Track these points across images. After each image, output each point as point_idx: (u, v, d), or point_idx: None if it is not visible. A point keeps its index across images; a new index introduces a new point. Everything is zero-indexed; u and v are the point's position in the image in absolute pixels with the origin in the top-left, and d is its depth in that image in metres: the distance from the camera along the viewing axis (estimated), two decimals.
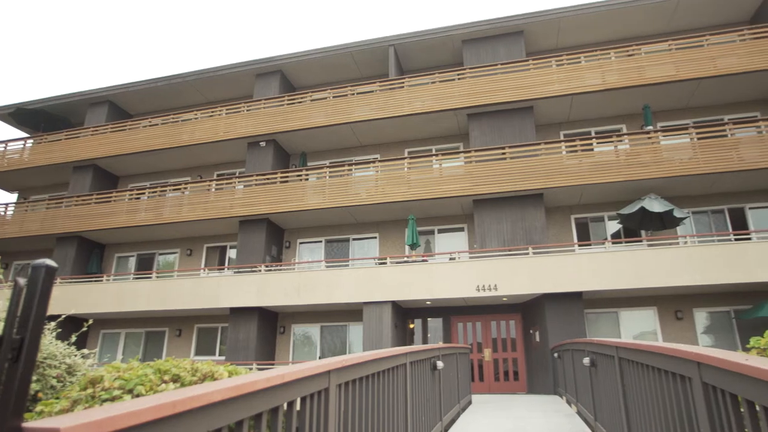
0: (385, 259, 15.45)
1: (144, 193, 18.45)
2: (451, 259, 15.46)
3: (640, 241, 14.22)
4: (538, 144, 15.04)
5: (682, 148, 13.97)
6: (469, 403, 9.76)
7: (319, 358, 15.69)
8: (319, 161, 18.68)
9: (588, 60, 15.76)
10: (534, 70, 15.97)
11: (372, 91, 17.37)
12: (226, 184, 17.78)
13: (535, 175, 14.58)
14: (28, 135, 22.90)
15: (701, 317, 13.79)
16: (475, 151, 15.46)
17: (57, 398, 2.87)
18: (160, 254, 19.30)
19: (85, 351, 4.72)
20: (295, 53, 18.99)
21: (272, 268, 16.22)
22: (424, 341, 15.85)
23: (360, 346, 15.22)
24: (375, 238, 17.11)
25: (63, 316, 5.60)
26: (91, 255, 19.04)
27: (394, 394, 4.02)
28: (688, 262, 12.52)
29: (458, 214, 16.44)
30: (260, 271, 15.88)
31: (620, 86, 15.04)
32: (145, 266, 19.19)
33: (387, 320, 14.05)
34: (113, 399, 2.57)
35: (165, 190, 18.34)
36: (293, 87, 20.36)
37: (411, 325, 16.00)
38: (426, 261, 15.45)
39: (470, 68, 16.66)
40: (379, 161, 16.52)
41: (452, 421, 7.36)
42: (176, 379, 2.85)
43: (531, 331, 14.38)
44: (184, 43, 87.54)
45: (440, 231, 16.65)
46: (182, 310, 16.32)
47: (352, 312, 15.70)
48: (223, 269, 17.69)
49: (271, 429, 1.93)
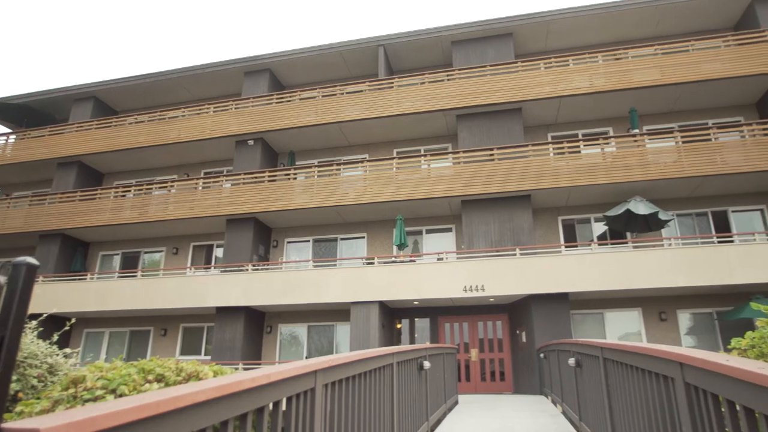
0: (373, 259, 15.45)
1: (130, 191, 18.24)
2: (438, 259, 15.50)
3: (626, 243, 14.38)
4: (526, 146, 15.15)
5: (667, 151, 14.16)
6: (456, 403, 9.80)
7: (306, 358, 15.64)
8: (308, 160, 18.62)
9: (576, 63, 15.91)
10: (523, 72, 16.09)
11: (361, 91, 17.36)
12: (214, 182, 17.65)
13: (522, 176, 14.68)
14: (10, 130, 22.54)
15: (684, 318, 13.99)
16: (464, 152, 15.52)
17: (38, 398, 2.82)
18: (146, 253, 19.10)
19: (68, 350, 4.65)
20: (284, 52, 18.91)
21: (259, 268, 16.13)
22: (412, 341, 15.87)
23: (347, 346, 15.20)
24: (363, 238, 17.10)
25: (45, 315, 5.51)
26: (75, 253, 18.78)
27: (380, 395, 4.02)
28: (672, 264, 12.69)
29: (446, 215, 16.50)
30: (247, 270, 15.79)
31: (607, 89, 15.21)
32: (130, 265, 18.97)
33: (374, 320, 14.05)
34: (96, 399, 2.53)
35: (151, 188, 18.15)
36: (282, 85, 20.27)
37: (398, 325, 16.02)
38: (414, 261, 15.48)
39: (459, 69, 16.73)
40: (368, 161, 16.51)
41: (439, 421, 7.38)
42: (160, 379, 2.82)
43: (517, 332, 14.47)
44: (172, 40, 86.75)
45: (428, 231, 16.69)
46: (167, 310, 16.17)
47: (340, 312, 15.68)
48: (210, 268, 17.55)
49: (256, 429, 1.92)
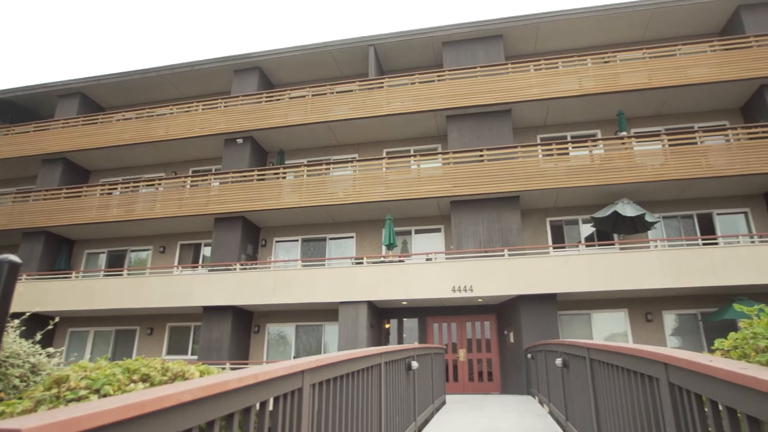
0: (362, 259, 15.44)
1: (116, 189, 18.04)
2: (427, 259, 15.54)
3: (613, 244, 14.53)
4: (516, 147, 15.23)
5: (654, 154, 14.33)
6: (444, 403, 9.82)
7: (294, 357, 15.58)
8: (297, 159, 18.56)
9: (565, 65, 16.03)
10: (513, 74, 16.17)
11: (351, 91, 17.33)
12: (202, 181, 17.51)
13: (511, 177, 14.76)
14: None
15: (670, 319, 14.16)
16: (453, 152, 15.57)
17: (20, 398, 2.78)
18: (132, 251, 18.90)
19: (51, 350, 4.59)
20: (274, 50, 18.82)
21: (247, 267, 16.04)
22: (400, 341, 15.89)
23: (335, 345, 15.17)
24: (352, 237, 17.08)
25: (28, 314, 5.44)
26: (60, 251, 18.53)
27: (368, 395, 4.02)
28: (658, 266, 12.84)
29: (435, 215, 16.54)
30: (235, 269, 15.69)
31: (596, 92, 15.34)
32: (116, 263, 18.76)
33: (363, 320, 14.04)
34: (79, 399, 2.50)
35: (138, 186, 17.97)
36: (272, 84, 20.18)
37: (387, 325, 16.03)
38: (402, 261, 15.49)
39: (450, 70, 16.77)
40: (358, 161, 16.49)
41: (426, 421, 7.39)
42: (146, 378, 2.79)
43: (505, 332, 14.55)
44: (161, 36, 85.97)
45: (417, 231, 16.72)
46: (154, 309, 16.01)
47: (328, 312, 15.64)
48: (197, 267, 17.42)
49: (243, 429, 1.90)
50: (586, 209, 15.43)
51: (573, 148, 15.23)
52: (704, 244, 14.25)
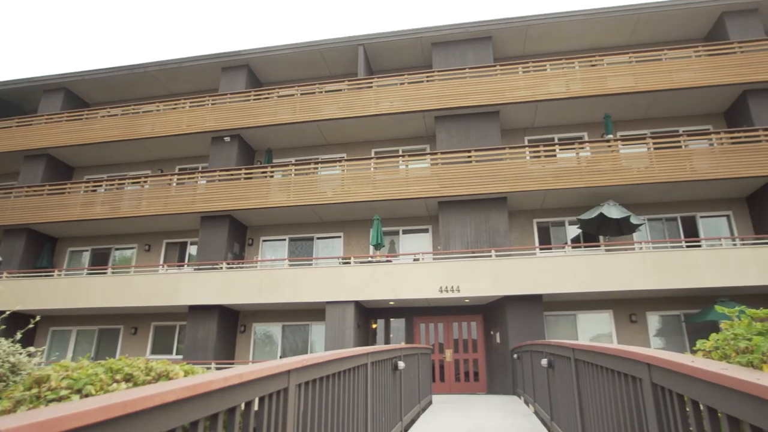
0: (350, 258, 15.42)
1: (101, 186, 17.80)
2: (415, 259, 15.56)
3: (599, 246, 14.68)
4: (503, 148, 15.32)
5: (639, 157, 14.51)
6: (430, 403, 9.85)
7: (280, 357, 15.51)
8: (285, 158, 18.48)
9: (553, 68, 16.16)
10: (501, 76, 16.27)
11: (340, 90, 17.30)
12: (188, 178, 17.35)
13: (499, 178, 14.85)
14: None
15: (654, 320, 14.35)
16: (442, 153, 15.62)
17: None
18: (117, 249, 18.67)
19: (32, 349, 4.51)
20: (263, 48, 18.72)
21: (234, 266, 15.93)
22: (387, 341, 15.89)
23: (322, 345, 15.13)
24: (339, 237, 17.05)
25: (8, 313, 5.34)
26: (42, 249, 18.24)
27: (354, 395, 4.01)
28: (643, 267, 13.01)
29: (423, 216, 16.57)
30: (221, 268, 15.57)
31: (583, 95, 15.50)
32: (100, 261, 18.52)
33: (350, 320, 14.02)
34: (60, 399, 2.46)
35: (123, 183, 17.74)
36: (260, 82, 20.07)
37: (374, 325, 16.03)
38: (390, 261, 15.50)
39: (439, 71, 16.82)
40: (346, 160, 16.47)
41: (412, 421, 7.40)
42: (129, 378, 2.75)
43: (492, 333, 14.63)
44: (148, 32, 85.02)
45: (405, 232, 16.74)
46: (138, 308, 15.83)
47: (315, 311, 15.60)
48: (183, 266, 17.26)
49: (227, 429, 1.89)
50: (573, 211, 15.57)
51: (560, 150, 15.36)
52: (688, 247, 14.46)
